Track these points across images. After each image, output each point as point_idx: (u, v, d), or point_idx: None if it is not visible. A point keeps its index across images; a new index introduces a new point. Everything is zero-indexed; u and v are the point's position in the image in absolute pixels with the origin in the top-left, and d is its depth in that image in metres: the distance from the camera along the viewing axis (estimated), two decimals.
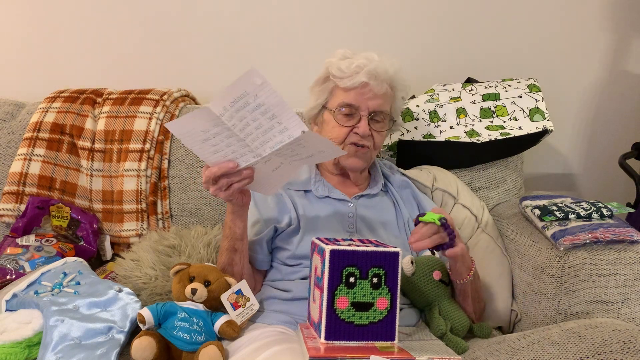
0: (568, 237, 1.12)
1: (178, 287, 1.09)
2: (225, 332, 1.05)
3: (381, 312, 0.90)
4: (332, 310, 0.88)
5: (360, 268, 0.89)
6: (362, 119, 1.21)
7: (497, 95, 1.57)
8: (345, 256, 0.89)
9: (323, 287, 0.88)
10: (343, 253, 0.89)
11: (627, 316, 1.05)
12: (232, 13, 1.80)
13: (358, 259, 0.89)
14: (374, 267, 0.90)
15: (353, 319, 0.89)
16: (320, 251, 0.92)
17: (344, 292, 0.88)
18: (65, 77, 1.80)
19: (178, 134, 0.97)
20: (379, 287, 0.90)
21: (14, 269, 1.30)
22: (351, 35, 1.80)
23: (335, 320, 0.88)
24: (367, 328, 0.89)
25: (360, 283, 0.89)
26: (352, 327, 0.88)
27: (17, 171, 1.51)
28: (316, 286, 0.93)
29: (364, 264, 0.89)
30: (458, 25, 1.79)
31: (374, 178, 1.34)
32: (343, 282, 0.88)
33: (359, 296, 0.89)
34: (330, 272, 0.88)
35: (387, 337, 0.90)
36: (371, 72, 1.19)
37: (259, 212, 1.24)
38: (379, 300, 0.90)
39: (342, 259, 0.88)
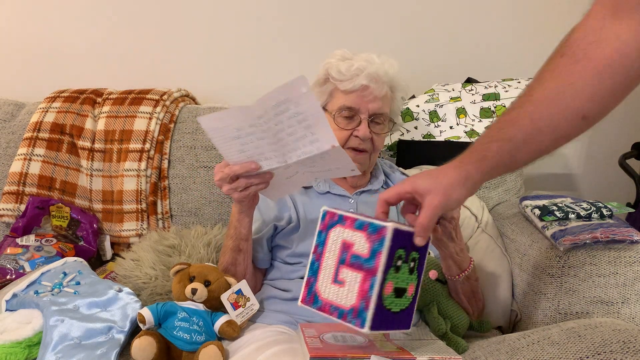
0: (568, 237, 1.12)
1: (178, 287, 1.09)
2: (226, 332, 1.06)
3: (408, 299, 0.81)
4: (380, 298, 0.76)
5: (407, 251, 0.79)
6: (362, 122, 1.20)
7: (497, 95, 1.57)
8: (402, 237, 0.78)
9: (376, 269, 0.75)
10: (402, 234, 0.78)
11: (627, 316, 1.05)
12: (232, 13, 1.80)
13: (408, 240, 0.79)
14: (414, 250, 0.80)
15: (392, 306, 0.79)
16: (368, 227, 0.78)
17: (392, 276, 0.77)
18: (65, 77, 1.80)
19: (208, 128, 0.95)
20: (413, 272, 0.81)
21: (14, 269, 1.30)
22: (351, 35, 1.80)
23: (381, 308, 0.76)
24: (397, 316, 0.79)
25: (403, 267, 0.79)
26: (390, 314, 0.78)
27: (17, 171, 1.51)
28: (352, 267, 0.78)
29: (409, 247, 0.79)
30: (458, 25, 1.79)
31: (375, 174, 1.33)
32: (393, 266, 0.77)
33: (400, 281, 0.79)
34: (388, 254, 0.76)
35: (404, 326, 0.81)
36: (371, 74, 1.18)
37: (259, 210, 1.24)
38: (410, 286, 0.81)
39: (399, 240, 0.77)
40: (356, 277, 0.77)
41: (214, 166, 1.53)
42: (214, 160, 1.55)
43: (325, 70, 1.24)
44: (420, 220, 0.77)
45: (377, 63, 1.20)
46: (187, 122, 1.60)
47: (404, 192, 0.81)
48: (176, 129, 1.59)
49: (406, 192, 0.81)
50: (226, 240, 1.16)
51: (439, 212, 0.78)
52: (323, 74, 1.25)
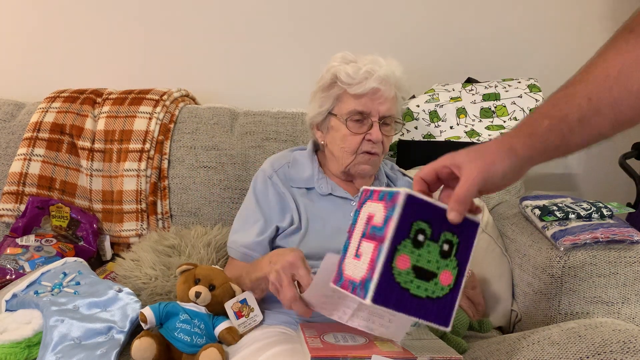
0: (568, 237, 1.12)
1: (183, 287, 1.09)
2: (225, 339, 1.05)
3: (442, 289, 0.71)
4: (389, 268, 0.67)
5: (433, 227, 0.70)
6: (374, 125, 1.19)
7: (497, 95, 1.57)
8: (421, 207, 0.69)
9: (384, 236, 0.68)
10: (420, 202, 0.69)
11: (627, 316, 1.05)
12: (232, 13, 1.80)
13: (434, 215, 0.70)
14: (448, 231, 0.71)
15: (410, 286, 0.69)
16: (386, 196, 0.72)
17: (408, 250, 0.69)
18: (65, 77, 1.80)
19: (328, 263, 0.84)
20: (448, 257, 0.71)
21: (14, 269, 1.30)
22: (351, 36, 1.80)
23: (389, 281, 0.68)
24: (422, 302, 0.70)
25: (429, 245, 0.70)
26: (407, 295, 0.69)
27: (17, 171, 1.51)
28: (369, 238, 0.72)
29: (439, 224, 0.70)
30: (458, 26, 1.80)
31: (377, 177, 1.33)
32: (410, 238, 0.69)
33: (423, 260, 0.70)
34: (399, 221, 0.68)
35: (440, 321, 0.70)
36: (382, 77, 1.17)
37: (261, 210, 1.23)
38: (444, 273, 0.71)
39: (417, 209, 0.69)
40: (370, 248, 0.71)
41: (214, 166, 1.54)
42: (213, 160, 1.55)
43: (331, 75, 1.22)
44: (457, 192, 0.68)
45: (384, 65, 1.19)
46: (187, 122, 1.60)
47: (441, 166, 0.73)
48: (176, 129, 1.59)
49: (443, 166, 0.73)
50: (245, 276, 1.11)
51: (478, 184, 0.68)
52: (329, 78, 1.23)
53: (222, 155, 1.56)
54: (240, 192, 1.54)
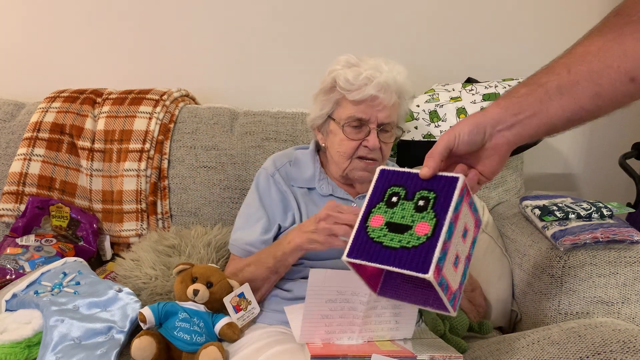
0: (568, 237, 1.12)
1: (180, 287, 1.09)
2: (226, 335, 1.05)
3: (418, 238, 0.74)
4: (363, 227, 0.77)
5: (408, 189, 0.78)
6: (372, 132, 1.18)
7: (497, 95, 1.57)
8: (393, 175, 0.80)
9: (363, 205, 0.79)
10: (393, 172, 0.80)
11: (627, 316, 1.05)
12: (232, 13, 1.80)
13: (407, 180, 0.79)
14: (424, 189, 0.78)
15: (383, 240, 0.75)
16: None
17: (382, 211, 0.78)
18: (65, 77, 1.80)
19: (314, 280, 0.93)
20: (423, 211, 0.76)
21: (14, 269, 1.30)
22: (351, 36, 1.80)
23: (363, 238, 0.76)
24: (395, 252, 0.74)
25: (403, 204, 0.77)
26: (378, 247, 0.75)
27: (16, 171, 1.51)
28: None
29: (413, 185, 0.78)
30: (458, 25, 1.79)
31: None
32: (384, 201, 0.78)
33: (397, 217, 0.77)
34: (373, 190, 0.80)
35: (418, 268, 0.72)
36: (381, 84, 1.15)
37: (264, 208, 1.23)
38: (420, 225, 0.75)
39: (391, 177, 0.80)
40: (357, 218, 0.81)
41: (214, 166, 1.54)
42: (213, 160, 1.55)
43: (331, 79, 1.21)
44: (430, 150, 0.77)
45: (385, 71, 1.17)
46: (187, 122, 1.60)
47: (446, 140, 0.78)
48: (176, 129, 1.59)
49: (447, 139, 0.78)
50: (266, 257, 1.13)
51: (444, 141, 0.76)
52: (329, 82, 1.21)
53: (222, 155, 1.56)
54: (240, 192, 1.54)
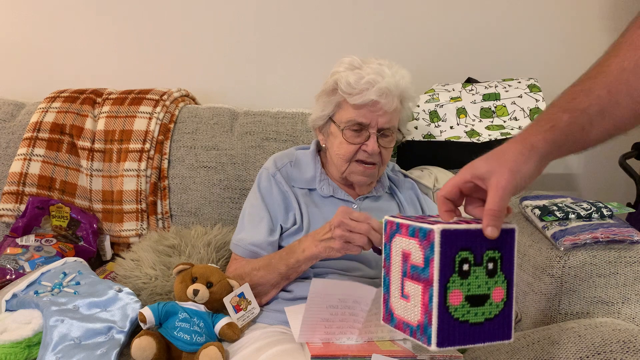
0: (568, 237, 1.12)
1: (180, 287, 1.09)
2: (226, 334, 1.05)
3: (497, 305, 0.70)
4: (444, 309, 0.67)
5: (475, 252, 0.69)
6: (371, 137, 1.18)
7: (497, 95, 1.57)
8: (458, 237, 0.68)
9: (431, 279, 0.67)
10: (456, 233, 0.68)
11: (627, 316, 1.05)
12: (232, 13, 1.80)
13: (472, 239, 0.68)
14: (490, 249, 0.70)
15: (468, 317, 0.69)
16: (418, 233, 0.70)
17: (458, 284, 0.68)
18: (65, 77, 1.80)
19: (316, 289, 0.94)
20: (495, 275, 0.70)
21: (14, 269, 1.30)
22: (352, 35, 1.80)
23: (448, 321, 0.68)
24: (482, 326, 0.70)
25: (475, 271, 0.69)
26: (467, 326, 0.69)
27: (17, 171, 1.51)
28: (413, 279, 0.71)
29: (479, 246, 0.69)
30: (458, 25, 1.79)
31: (380, 180, 1.32)
32: (456, 272, 0.68)
33: (473, 287, 0.69)
34: (442, 260, 0.67)
35: (503, 336, 0.70)
36: (382, 89, 1.14)
37: (267, 208, 1.23)
38: (495, 291, 0.70)
39: (456, 241, 0.68)
40: (418, 290, 0.70)
41: (214, 166, 1.54)
42: (213, 160, 1.55)
43: (334, 81, 1.20)
44: (489, 206, 0.66)
45: (387, 76, 1.15)
46: (187, 122, 1.60)
47: (463, 182, 0.70)
48: (176, 129, 1.59)
49: (465, 182, 0.70)
50: (278, 263, 1.12)
51: (509, 193, 0.66)
52: (331, 84, 1.21)
53: (222, 155, 1.56)
54: (240, 192, 1.54)
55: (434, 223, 0.68)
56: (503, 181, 0.66)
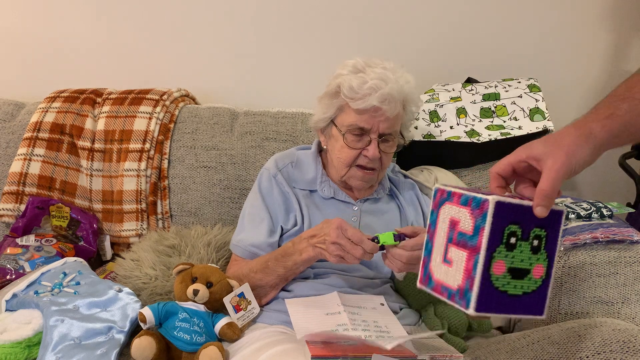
0: (568, 237, 1.12)
1: (180, 287, 1.09)
2: (226, 334, 1.05)
3: (536, 282, 0.74)
4: (487, 276, 0.70)
5: (523, 227, 0.72)
6: (372, 142, 1.17)
7: (497, 95, 1.57)
8: (511, 210, 0.71)
9: (479, 246, 0.70)
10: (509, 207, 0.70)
11: (627, 316, 1.05)
12: (232, 13, 1.80)
13: (522, 215, 0.71)
14: (537, 227, 0.73)
15: (507, 288, 0.72)
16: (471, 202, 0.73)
17: (503, 255, 0.71)
18: (65, 77, 1.80)
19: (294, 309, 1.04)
20: (538, 252, 0.74)
21: (14, 269, 1.30)
22: (352, 35, 1.80)
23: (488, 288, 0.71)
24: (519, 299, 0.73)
25: (521, 245, 0.72)
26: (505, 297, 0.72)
27: (17, 171, 1.51)
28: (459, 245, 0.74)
29: (528, 223, 0.72)
30: (458, 25, 1.79)
31: (380, 182, 1.31)
32: (504, 243, 0.71)
33: (517, 261, 0.72)
34: (492, 229, 0.69)
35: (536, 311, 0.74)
36: (384, 95, 1.13)
37: (267, 209, 1.23)
38: (536, 268, 0.74)
39: (507, 213, 0.71)
40: (462, 256, 0.73)
41: (214, 166, 1.54)
42: (213, 160, 1.55)
43: (336, 84, 1.19)
44: (542, 187, 0.68)
45: (391, 81, 1.14)
46: (187, 122, 1.60)
47: (517, 161, 0.72)
48: (176, 129, 1.59)
49: (520, 160, 0.72)
50: (275, 265, 1.13)
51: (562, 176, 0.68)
52: (334, 86, 1.20)
53: (222, 155, 1.56)
54: (240, 192, 1.54)
55: (488, 194, 0.71)
56: (558, 163, 0.68)
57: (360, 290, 1.16)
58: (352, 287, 1.16)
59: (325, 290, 1.12)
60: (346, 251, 1.00)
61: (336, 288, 1.12)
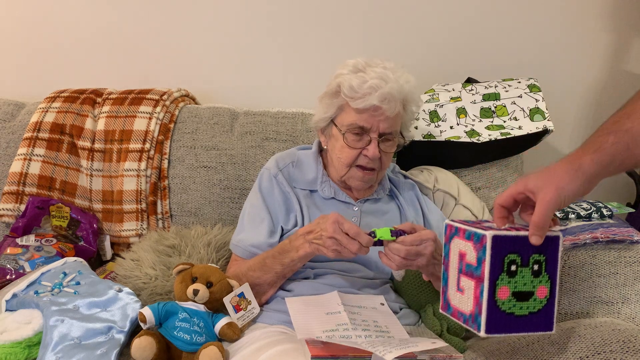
0: (568, 237, 1.12)
1: (180, 287, 1.09)
2: (226, 334, 1.05)
3: (541, 301, 0.83)
4: (493, 302, 0.80)
5: (522, 255, 0.81)
6: (372, 142, 1.17)
7: (497, 95, 1.57)
8: (507, 242, 0.80)
9: (483, 276, 0.80)
10: (505, 239, 0.80)
11: (627, 316, 1.05)
12: (232, 13, 1.80)
13: (520, 245, 0.81)
14: (535, 253, 0.82)
15: (514, 310, 0.82)
16: (472, 237, 0.83)
17: (506, 282, 0.81)
18: (65, 77, 1.80)
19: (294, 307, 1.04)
20: (539, 275, 0.83)
21: (14, 269, 1.30)
22: (352, 35, 1.80)
23: (496, 312, 0.81)
24: (526, 318, 0.82)
25: (522, 271, 0.81)
26: (512, 318, 0.82)
27: (17, 171, 1.51)
28: (467, 275, 0.85)
29: (525, 250, 0.81)
30: (458, 25, 1.79)
31: (380, 182, 1.31)
32: (505, 271, 0.81)
33: (520, 285, 0.82)
34: (492, 260, 0.80)
35: (545, 328, 0.83)
36: (384, 94, 1.13)
37: (268, 209, 1.23)
38: (539, 289, 0.83)
39: (505, 245, 0.80)
40: (471, 285, 0.83)
41: (214, 166, 1.54)
42: (214, 160, 1.55)
43: (337, 84, 1.19)
44: (534, 219, 0.77)
45: (391, 81, 1.14)
46: (187, 122, 1.60)
47: (517, 193, 0.82)
48: (176, 129, 1.59)
49: (519, 193, 0.81)
50: (273, 263, 1.13)
51: (553, 208, 0.77)
52: (335, 86, 1.20)
53: (222, 155, 1.56)
54: (240, 192, 1.54)
55: (487, 229, 0.80)
56: (548, 196, 0.76)
57: (360, 290, 1.16)
58: (352, 287, 1.16)
59: (325, 290, 1.12)
60: (343, 246, 1.00)
61: (336, 288, 1.12)
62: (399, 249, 1.00)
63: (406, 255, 1.00)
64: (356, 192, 1.28)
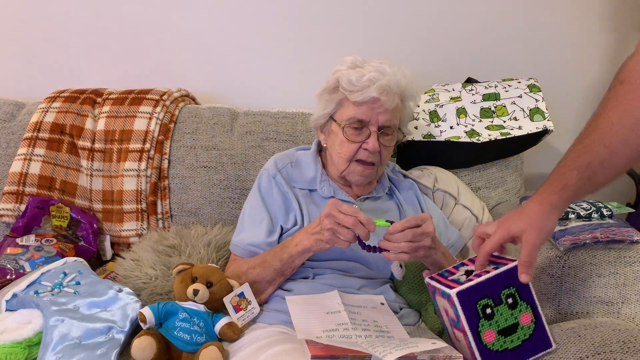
0: (568, 237, 1.12)
1: (180, 287, 1.09)
2: (226, 334, 1.06)
3: (529, 327, 0.88)
4: (483, 347, 0.86)
5: (492, 296, 0.87)
6: (372, 135, 1.18)
7: (497, 95, 1.57)
8: (473, 292, 0.86)
9: (464, 329, 0.87)
10: (470, 290, 0.86)
11: (627, 316, 1.05)
12: (232, 13, 1.80)
13: (487, 289, 0.87)
14: (504, 288, 0.87)
15: (506, 346, 0.87)
16: (444, 295, 0.90)
17: (487, 326, 0.87)
18: (65, 77, 1.80)
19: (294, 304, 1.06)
20: (517, 306, 0.88)
21: (14, 269, 1.30)
22: (352, 35, 1.80)
23: (490, 355, 0.87)
24: (522, 347, 0.87)
25: (498, 310, 0.87)
26: (507, 352, 0.87)
27: (17, 171, 1.51)
28: (455, 327, 0.91)
29: (494, 291, 0.87)
30: (458, 25, 1.79)
31: (380, 180, 1.32)
32: (482, 317, 0.86)
33: (502, 323, 0.87)
34: (466, 313, 0.86)
35: (544, 347, 0.88)
36: (383, 87, 1.15)
37: (267, 209, 1.24)
38: (522, 317, 0.88)
39: (472, 295, 0.86)
40: (461, 336, 0.90)
41: (214, 166, 1.54)
42: (214, 160, 1.55)
43: (335, 79, 1.21)
44: (522, 259, 0.86)
45: (388, 74, 1.16)
46: (187, 122, 1.60)
47: (504, 240, 0.90)
48: (176, 129, 1.59)
49: (505, 239, 0.90)
50: (272, 259, 1.13)
51: (538, 247, 0.86)
52: (333, 82, 1.22)
53: (222, 155, 1.56)
54: (240, 192, 1.54)
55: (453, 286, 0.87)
56: (532, 239, 0.86)
57: (360, 290, 1.16)
58: (352, 287, 1.16)
59: (325, 290, 1.12)
60: (339, 223, 1.00)
61: (336, 288, 1.12)
62: (405, 233, 1.01)
63: (413, 237, 1.01)
64: (356, 189, 1.28)
